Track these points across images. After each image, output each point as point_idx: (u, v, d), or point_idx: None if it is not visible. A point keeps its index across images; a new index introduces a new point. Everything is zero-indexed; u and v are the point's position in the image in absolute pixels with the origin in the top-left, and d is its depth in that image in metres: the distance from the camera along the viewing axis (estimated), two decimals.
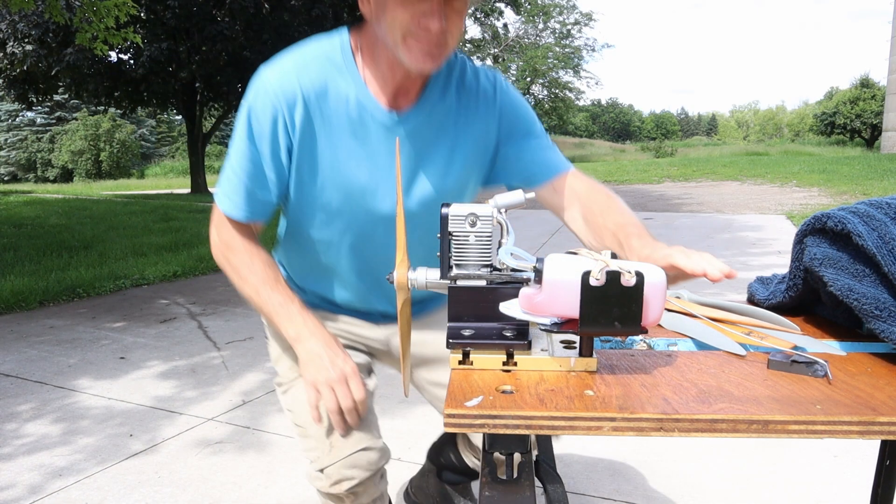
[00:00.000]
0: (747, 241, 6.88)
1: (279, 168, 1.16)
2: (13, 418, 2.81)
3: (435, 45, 1.04)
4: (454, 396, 0.74)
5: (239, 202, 1.18)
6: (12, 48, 13.22)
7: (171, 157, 44.96)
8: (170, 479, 2.25)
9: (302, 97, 1.11)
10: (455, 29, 1.05)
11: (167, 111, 18.79)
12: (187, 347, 3.76)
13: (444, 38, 1.04)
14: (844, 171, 13.75)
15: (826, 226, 0.90)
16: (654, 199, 11.74)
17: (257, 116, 1.12)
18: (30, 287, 5.07)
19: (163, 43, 13.30)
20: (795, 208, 9.27)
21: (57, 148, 34.73)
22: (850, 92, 34.06)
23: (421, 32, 1.03)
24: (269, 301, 1.19)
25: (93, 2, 6.61)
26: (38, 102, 17.08)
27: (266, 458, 2.40)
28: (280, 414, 2.79)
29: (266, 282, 1.19)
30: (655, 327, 1.00)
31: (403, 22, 1.02)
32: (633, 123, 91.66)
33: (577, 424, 0.70)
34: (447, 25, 1.03)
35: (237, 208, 1.18)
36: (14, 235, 8.24)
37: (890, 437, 0.68)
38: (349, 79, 1.14)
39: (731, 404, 0.71)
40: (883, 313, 0.81)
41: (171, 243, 7.37)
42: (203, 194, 15.67)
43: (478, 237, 0.87)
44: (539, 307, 0.78)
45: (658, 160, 23.18)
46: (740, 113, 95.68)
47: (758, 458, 2.28)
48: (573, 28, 33.93)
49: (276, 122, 1.11)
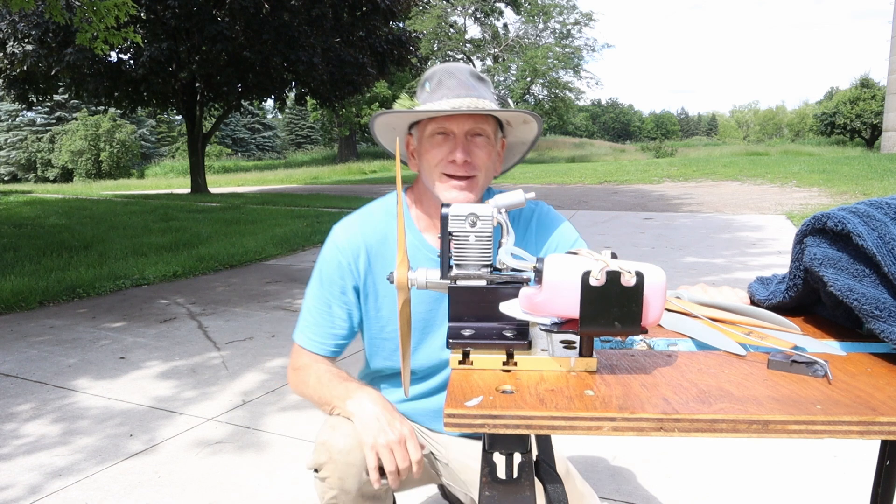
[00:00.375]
0: (747, 241, 6.88)
1: (347, 307, 1.35)
2: (13, 418, 2.80)
3: (463, 175, 1.25)
4: (454, 396, 0.74)
5: (310, 335, 1.37)
6: (12, 48, 13.22)
7: (171, 157, 44.96)
8: (169, 479, 2.25)
9: (364, 246, 1.33)
10: (479, 161, 1.26)
11: (167, 111, 18.81)
12: (187, 347, 3.76)
13: (470, 169, 1.25)
14: (844, 171, 13.75)
15: (826, 226, 0.90)
16: (654, 199, 11.74)
17: (327, 264, 1.35)
18: (30, 287, 5.07)
19: (163, 43, 13.30)
20: (795, 208, 9.27)
21: (57, 148, 34.69)
22: (850, 92, 34.04)
23: (450, 166, 1.25)
24: (329, 385, 1.29)
25: (93, 2, 6.61)
26: (38, 102, 17.11)
27: (266, 458, 2.40)
28: (279, 414, 2.79)
29: (327, 372, 1.32)
30: (655, 327, 1.00)
31: (436, 160, 1.26)
32: (633, 123, 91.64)
33: (577, 424, 0.70)
34: (471, 158, 1.24)
35: (308, 340, 1.37)
36: (14, 235, 8.24)
37: (890, 437, 0.68)
38: (406, 222, 1.34)
39: (731, 404, 0.71)
40: (883, 313, 0.81)
41: (171, 243, 7.37)
42: (203, 194, 15.68)
43: (478, 237, 0.87)
44: (539, 307, 0.78)
45: (658, 160, 23.17)
46: (740, 113, 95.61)
47: (758, 458, 2.28)
48: (573, 28, 33.92)
49: (342, 268, 1.33)
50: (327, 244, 1.36)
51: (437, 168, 1.26)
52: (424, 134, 1.28)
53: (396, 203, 0.93)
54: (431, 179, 1.28)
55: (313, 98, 17.42)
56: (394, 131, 1.37)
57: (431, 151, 1.26)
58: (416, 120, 1.31)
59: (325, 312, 1.35)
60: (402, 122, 1.34)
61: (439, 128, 1.25)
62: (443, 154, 1.25)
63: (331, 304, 1.35)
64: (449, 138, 1.25)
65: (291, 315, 4.42)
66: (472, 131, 1.25)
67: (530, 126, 1.32)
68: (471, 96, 1.25)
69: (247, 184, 21.95)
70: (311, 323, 1.37)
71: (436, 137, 1.26)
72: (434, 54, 31.31)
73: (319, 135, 48.97)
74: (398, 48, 16.53)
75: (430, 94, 1.29)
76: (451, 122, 1.25)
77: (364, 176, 24.17)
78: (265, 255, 6.92)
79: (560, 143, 38.81)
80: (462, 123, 1.25)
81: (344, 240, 1.34)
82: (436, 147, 1.26)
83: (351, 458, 1.23)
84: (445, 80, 1.28)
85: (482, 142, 1.26)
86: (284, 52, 14.03)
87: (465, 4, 33.76)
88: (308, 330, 1.37)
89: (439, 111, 1.24)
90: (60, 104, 35.40)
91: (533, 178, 17.16)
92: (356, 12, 14.56)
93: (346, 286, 1.34)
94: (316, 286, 1.37)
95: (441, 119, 1.25)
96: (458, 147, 1.24)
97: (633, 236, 7.43)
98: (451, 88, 1.26)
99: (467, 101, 1.24)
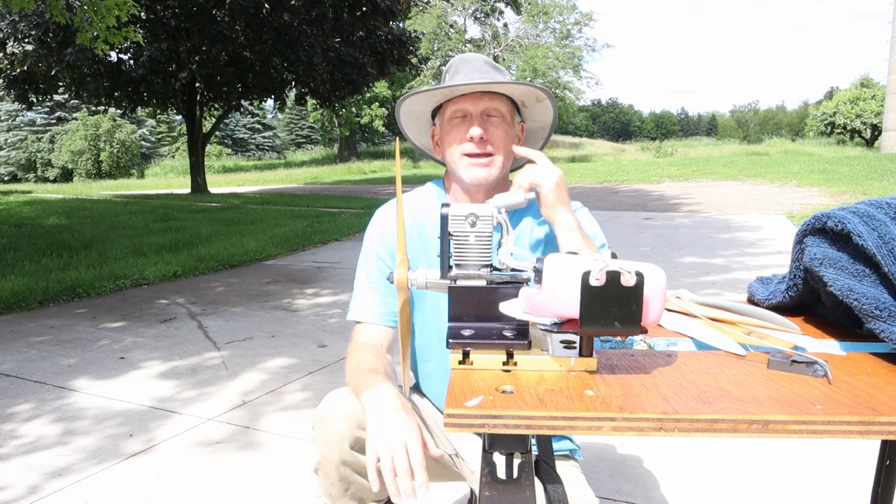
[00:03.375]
0: (747, 241, 6.88)
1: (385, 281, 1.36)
2: (12, 418, 2.80)
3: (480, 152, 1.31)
4: (454, 396, 0.74)
5: (355, 308, 1.42)
6: (12, 48, 13.22)
7: (171, 157, 44.93)
8: (169, 479, 2.25)
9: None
10: (496, 139, 1.31)
11: (167, 111, 18.78)
12: (187, 347, 3.76)
13: (487, 146, 1.31)
14: (844, 171, 13.74)
15: (826, 226, 0.90)
16: (654, 199, 11.74)
17: (366, 243, 1.43)
18: (30, 287, 5.07)
19: (163, 43, 13.29)
20: (795, 208, 9.26)
21: (57, 148, 34.66)
22: (851, 92, 33.98)
23: (468, 145, 1.31)
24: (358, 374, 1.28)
25: (93, 1, 6.61)
26: (38, 102, 17.08)
27: (265, 458, 2.40)
28: (279, 414, 2.79)
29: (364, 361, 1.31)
30: (655, 327, 1.00)
31: (456, 140, 1.32)
32: (633, 123, 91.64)
33: (577, 424, 0.70)
34: (488, 136, 1.30)
35: (353, 312, 1.42)
36: (14, 235, 8.24)
37: (890, 437, 0.68)
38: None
39: (731, 404, 0.71)
40: (883, 313, 0.81)
41: (171, 243, 7.37)
42: (203, 194, 15.67)
43: (478, 237, 0.87)
44: (539, 307, 0.78)
45: (658, 160, 23.15)
46: (740, 113, 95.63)
47: (758, 458, 2.28)
48: (573, 28, 33.89)
49: (377, 245, 1.41)
50: (368, 226, 1.45)
51: (458, 149, 1.32)
52: (444, 119, 1.36)
53: (397, 203, 0.92)
54: (454, 163, 1.34)
55: (313, 98, 17.42)
56: (418, 121, 1.44)
57: (451, 133, 1.33)
58: (437, 105, 1.38)
59: (367, 283, 1.41)
60: (425, 110, 1.41)
61: (456, 110, 1.32)
62: (461, 134, 1.32)
63: (370, 272, 1.41)
64: (466, 119, 1.32)
65: (291, 315, 4.42)
66: (486, 111, 1.31)
67: (545, 106, 1.37)
68: (484, 80, 1.30)
69: (247, 184, 21.96)
70: (358, 295, 1.42)
71: (454, 120, 1.33)
72: (434, 54, 31.29)
73: (319, 135, 48.95)
74: (398, 48, 16.53)
75: (449, 80, 1.36)
76: (466, 102, 1.31)
77: (364, 176, 24.17)
78: (265, 255, 6.92)
79: (560, 143, 38.79)
80: (477, 103, 1.31)
81: (381, 218, 1.43)
82: (454, 129, 1.33)
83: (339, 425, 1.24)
84: (461, 67, 1.35)
85: (498, 121, 1.32)
86: (284, 52, 14.03)
87: (465, 4, 33.74)
88: (354, 303, 1.42)
89: (451, 85, 1.29)
90: (60, 104, 35.39)
91: None
92: (356, 12, 14.56)
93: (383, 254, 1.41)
94: (360, 264, 1.44)
95: (457, 100, 1.32)
96: (475, 124, 1.30)
97: (633, 236, 7.43)
98: (466, 74, 1.32)
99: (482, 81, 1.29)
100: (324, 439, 1.26)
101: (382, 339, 1.38)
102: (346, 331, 3.73)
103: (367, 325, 1.39)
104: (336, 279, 5.64)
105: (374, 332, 1.38)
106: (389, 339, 1.39)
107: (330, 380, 3.16)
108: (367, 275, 1.42)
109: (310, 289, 5.28)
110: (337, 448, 1.25)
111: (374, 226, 1.44)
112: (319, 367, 3.35)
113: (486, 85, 1.28)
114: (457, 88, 1.30)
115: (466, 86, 1.28)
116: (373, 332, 1.38)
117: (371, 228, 1.44)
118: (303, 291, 5.18)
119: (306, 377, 3.21)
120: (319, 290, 5.20)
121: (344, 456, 1.26)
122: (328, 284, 5.43)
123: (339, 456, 1.25)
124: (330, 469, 1.27)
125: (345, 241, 7.88)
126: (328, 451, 1.26)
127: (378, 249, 1.41)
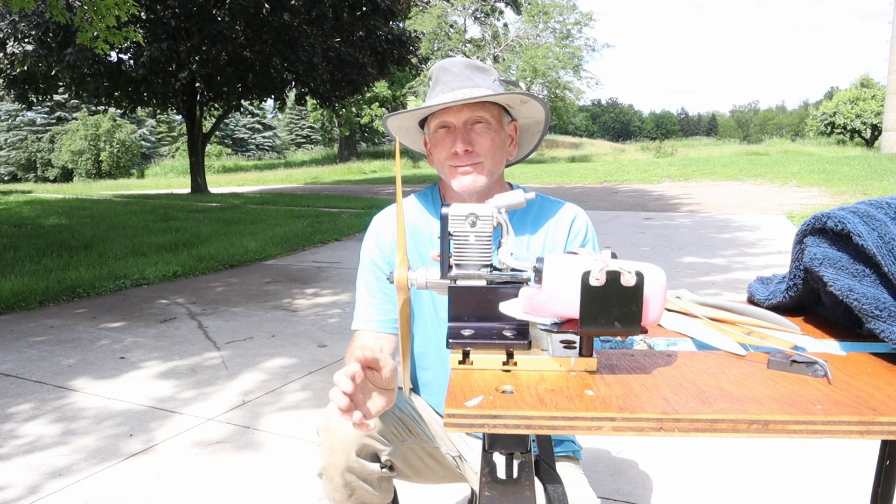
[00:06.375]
0: (747, 241, 6.88)
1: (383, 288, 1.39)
2: (12, 418, 2.80)
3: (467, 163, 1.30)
4: (454, 396, 0.74)
5: (355, 317, 1.42)
6: (12, 48, 13.22)
7: (171, 157, 44.92)
8: (169, 479, 2.25)
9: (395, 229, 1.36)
10: (482, 148, 1.30)
11: (167, 111, 18.78)
12: (187, 347, 3.76)
13: (473, 157, 1.30)
14: (844, 171, 13.74)
15: (826, 226, 0.90)
16: (654, 199, 11.74)
17: (363, 251, 1.44)
18: (30, 287, 5.07)
19: (163, 43, 13.29)
20: (795, 208, 9.26)
21: (57, 148, 34.66)
22: (851, 92, 33.96)
23: (454, 158, 1.31)
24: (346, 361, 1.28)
25: (93, 1, 6.61)
26: (38, 102, 17.09)
27: (265, 459, 2.40)
28: (279, 414, 2.79)
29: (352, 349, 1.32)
30: (655, 327, 1.00)
31: (443, 154, 1.32)
32: (633, 123, 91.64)
33: (577, 424, 0.70)
34: (473, 146, 1.29)
35: (355, 321, 1.42)
36: (14, 235, 8.24)
37: (890, 437, 0.68)
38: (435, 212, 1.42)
39: (731, 404, 0.71)
40: (883, 313, 0.81)
41: (171, 243, 7.37)
42: (203, 194, 15.67)
43: (478, 237, 0.87)
44: (539, 307, 0.78)
45: (658, 160, 23.15)
46: (740, 113, 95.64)
47: (758, 458, 2.28)
48: (573, 28, 33.90)
49: (373, 252, 1.41)
50: (366, 234, 1.46)
51: (446, 162, 1.33)
52: (430, 131, 1.35)
53: (397, 203, 0.93)
54: (444, 173, 1.35)
55: (313, 98, 17.41)
56: (409, 132, 1.42)
57: (438, 146, 1.33)
58: (421, 118, 1.37)
59: (366, 291, 1.42)
60: (413, 122, 1.40)
61: (440, 123, 1.31)
62: (447, 147, 1.31)
63: (368, 280, 1.41)
64: (451, 131, 1.31)
65: (291, 315, 4.42)
66: (470, 120, 1.30)
67: (532, 105, 1.34)
68: (465, 87, 1.28)
69: (247, 184, 21.95)
70: (357, 304, 1.43)
71: (439, 132, 1.32)
72: (434, 54, 31.27)
73: (319, 135, 48.95)
74: (398, 48, 16.53)
75: (430, 91, 1.34)
76: (448, 114, 1.30)
77: (364, 176, 24.17)
78: (265, 255, 6.92)
79: (560, 143, 38.79)
80: (459, 114, 1.29)
81: (380, 224, 1.44)
82: (440, 141, 1.33)
83: (345, 432, 1.24)
84: (441, 76, 1.32)
85: (482, 129, 1.30)
86: (284, 52, 14.03)
87: (465, 4, 33.74)
88: (355, 311, 1.43)
89: (425, 107, 1.28)
90: (60, 104, 35.39)
91: (533, 178, 17.16)
92: (356, 12, 14.55)
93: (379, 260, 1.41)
94: (359, 272, 1.45)
95: (439, 114, 1.31)
96: (458, 139, 1.29)
97: (632, 236, 7.43)
98: (446, 83, 1.30)
99: (460, 93, 1.27)
100: (329, 445, 1.26)
101: (382, 345, 1.37)
102: (346, 331, 3.73)
103: (366, 332, 1.39)
104: (336, 279, 5.64)
105: (373, 340, 1.38)
106: (390, 345, 1.38)
107: (330, 380, 3.15)
108: (366, 283, 1.42)
109: (310, 289, 5.28)
110: (343, 454, 1.25)
111: (370, 233, 1.44)
112: (319, 368, 3.35)
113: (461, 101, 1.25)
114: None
115: (441, 106, 1.26)
116: (371, 340, 1.38)
117: (367, 236, 1.44)
118: (303, 291, 5.18)
119: (306, 377, 3.21)
120: (319, 290, 5.20)
121: (350, 462, 1.26)
122: (328, 284, 5.43)
123: (345, 462, 1.25)
124: (335, 475, 1.27)
125: (345, 241, 7.88)
126: (334, 457, 1.26)
127: (374, 256, 1.41)
